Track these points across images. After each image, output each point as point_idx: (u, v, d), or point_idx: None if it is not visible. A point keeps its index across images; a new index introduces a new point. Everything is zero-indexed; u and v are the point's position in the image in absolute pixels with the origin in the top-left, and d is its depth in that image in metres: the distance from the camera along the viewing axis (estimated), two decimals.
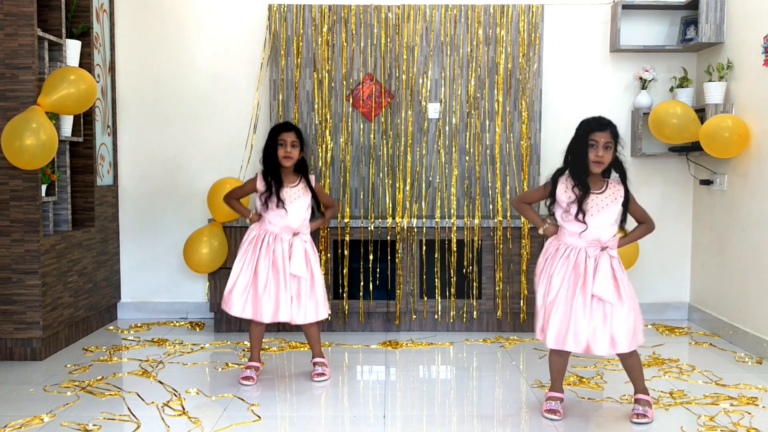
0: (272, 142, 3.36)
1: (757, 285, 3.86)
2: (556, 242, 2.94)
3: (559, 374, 3.01)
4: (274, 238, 3.35)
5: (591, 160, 2.81)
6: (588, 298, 2.82)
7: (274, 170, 3.37)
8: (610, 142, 2.82)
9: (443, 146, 4.55)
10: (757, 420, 2.87)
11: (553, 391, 3.01)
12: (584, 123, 2.88)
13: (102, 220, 4.45)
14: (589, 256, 2.85)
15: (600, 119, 2.87)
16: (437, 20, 4.54)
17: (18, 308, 3.65)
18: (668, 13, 4.67)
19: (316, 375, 3.44)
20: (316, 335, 3.50)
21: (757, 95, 3.91)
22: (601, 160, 2.81)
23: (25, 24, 3.58)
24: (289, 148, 3.34)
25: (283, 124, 3.41)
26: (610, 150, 2.82)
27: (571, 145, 2.90)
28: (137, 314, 4.78)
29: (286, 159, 3.34)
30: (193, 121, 4.72)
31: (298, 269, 3.33)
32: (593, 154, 2.81)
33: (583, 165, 2.84)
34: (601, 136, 2.80)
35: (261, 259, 3.34)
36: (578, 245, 2.87)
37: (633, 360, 2.93)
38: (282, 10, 4.53)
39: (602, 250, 2.86)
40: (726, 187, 4.23)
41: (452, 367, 3.71)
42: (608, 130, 2.82)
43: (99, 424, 2.82)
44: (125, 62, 4.71)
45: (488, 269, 4.30)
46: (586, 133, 2.83)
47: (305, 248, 3.39)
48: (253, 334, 3.45)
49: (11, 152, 3.36)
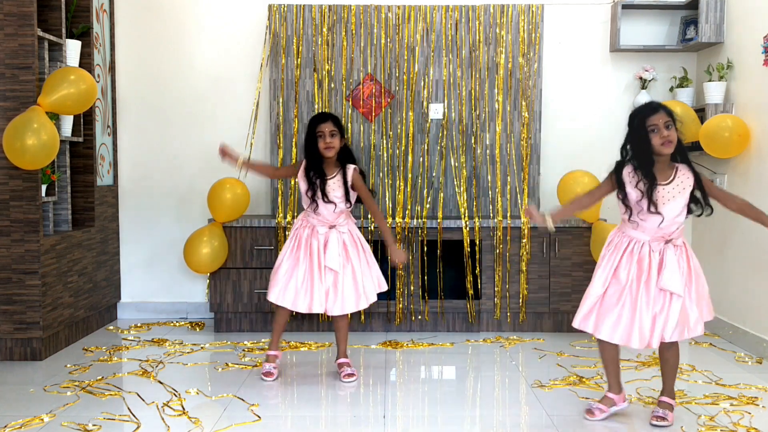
0: (311, 136, 3.35)
1: (757, 285, 3.86)
2: (620, 234, 2.87)
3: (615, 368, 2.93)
4: (312, 231, 3.38)
5: (658, 144, 2.72)
6: (651, 293, 2.76)
7: (317, 163, 3.35)
8: (669, 121, 2.73)
9: (443, 146, 4.55)
10: (757, 420, 2.87)
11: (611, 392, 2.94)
12: (635, 113, 2.79)
13: (102, 220, 4.45)
14: (653, 251, 2.79)
15: (650, 103, 2.81)
16: (437, 20, 4.54)
17: (18, 308, 3.65)
18: (668, 13, 4.67)
19: (346, 375, 3.41)
20: (344, 330, 3.50)
21: (757, 95, 3.91)
22: (668, 139, 2.71)
23: (25, 24, 3.58)
24: (328, 138, 3.32)
25: (319, 115, 3.40)
26: (672, 128, 2.73)
27: (628, 138, 2.81)
28: (137, 314, 4.78)
29: (328, 149, 3.32)
30: (193, 121, 4.72)
31: (332, 262, 3.33)
32: (658, 138, 2.72)
33: (647, 154, 2.75)
34: (659, 117, 2.72)
35: (301, 250, 3.36)
36: (642, 239, 2.80)
37: (670, 354, 2.87)
38: (282, 10, 4.53)
39: (666, 243, 2.80)
40: (726, 186, 4.23)
41: (452, 367, 3.71)
42: (662, 110, 2.74)
43: (99, 424, 2.82)
44: (125, 62, 4.71)
45: (488, 269, 4.30)
46: (642, 120, 2.74)
47: (343, 239, 3.39)
48: (279, 320, 3.47)
49: (13, 152, 3.36)
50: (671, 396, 2.91)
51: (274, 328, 3.50)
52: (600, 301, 2.83)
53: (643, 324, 2.77)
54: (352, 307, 3.40)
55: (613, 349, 2.92)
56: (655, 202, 2.75)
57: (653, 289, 2.77)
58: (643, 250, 2.80)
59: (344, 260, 3.37)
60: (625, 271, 2.80)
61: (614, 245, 2.87)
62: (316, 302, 3.35)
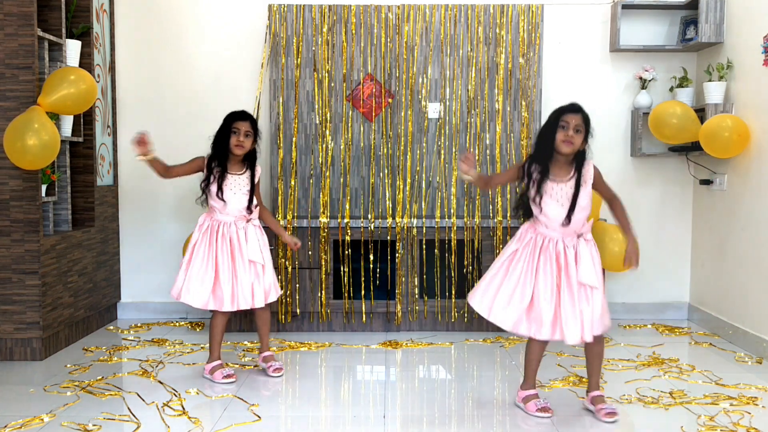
0: (225, 129, 3.38)
1: (757, 285, 3.86)
2: (532, 231, 2.92)
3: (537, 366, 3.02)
4: (228, 227, 3.38)
5: (560, 140, 2.79)
6: (574, 288, 2.81)
7: (222, 158, 3.39)
8: (581, 125, 2.80)
9: (443, 146, 4.55)
10: (757, 420, 2.87)
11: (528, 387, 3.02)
12: (558, 108, 2.87)
13: (102, 220, 4.45)
14: (567, 246, 2.85)
15: (573, 103, 2.87)
16: (437, 20, 4.54)
17: (18, 308, 3.65)
18: (668, 13, 4.67)
19: (275, 370, 3.44)
20: (267, 322, 3.53)
21: (757, 95, 3.91)
22: (570, 140, 2.78)
23: (25, 24, 3.58)
24: (242, 137, 3.35)
25: (239, 113, 3.42)
26: (581, 134, 2.80)
27: (541, 130, 2.90)
28: (137, 314, 4.78)
29: (238, 147, 3.36)
30: (192, 121, 4.72)
31: (255, 255, 3.37)
32: (562, 134, 2.79)
33: (548, 148, 2.83)
34: (573, 118, 2.79)
35: (219, 250, 3.35)
36: (554, 236, 2.86)
37: (600, 347, 2.94)
38: (282, 10, 4.53)
39: (578, 238, 2.86)
40: (726, 186, 4.23)
41: (452, 367, 3.71)
42: (580, 114, 2.81)
43: (99, 424, 2.82)
44: (125, 62, 4.71)
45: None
46: (557, 115, 2.83)
47: (256, 234, 3.43)
48: (217, 327, 3.43)
49: (14, 152, 3.36)
50: (599, 388, 2.98)
51: (216, 338, 3.42)
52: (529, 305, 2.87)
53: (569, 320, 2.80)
54: (274, 296, 3.45)
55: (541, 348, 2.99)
56: (542, 194, 2.82)
57: (574, 285, 2.82)
58: (558, 246, 2.85)
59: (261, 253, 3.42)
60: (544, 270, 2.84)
61: (525, 242, 2.91)
62: (241, 298, 3.35)
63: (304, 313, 4.33)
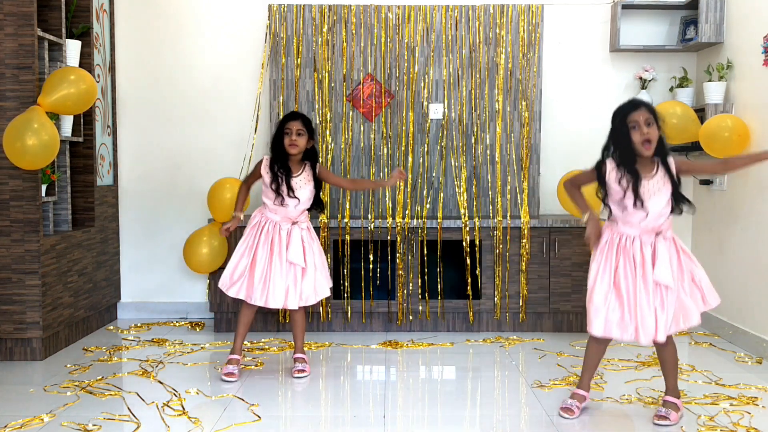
0: (279, 132, 3.42)
1: (757, 285, 3.86)
2: (609, 232, 2.88)
3: (593, 367, 2.97)
4: (273, 226, 3.42)
5: (638, 142, 2.73)
6: (650, 287, 2.77)
7: (283, 159, 3.41)
8: (650, 118, 2.74)
9: (443, 146, 4.55)
10: (757, 420, 2.87)
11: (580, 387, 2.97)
12: (617, 110, 2.82)
13: (102, 220, 4.45)
14: (644, 244, 2.80)
15: (632, 100, 2.83)
16: (437, 20, 4.54)
17: (18, 308, 3.65)
18: (668, 13, 4.67)
19: (297, 371, 3.46)
20: (301, 325, 3.55)
21: (757, 95, 3.91)
22: (648, 137, 2.73)
23: (25, 24, 3.58)
24: (294, 136, 3.38)
25: (290, 114, 3.47)
26: (653, 126, 2.75)
27: (611, 135, 2.83)
28: (137, 314, 4.78)
29: (292, 147, 3.38)
30: (193, 121, 4.72)
31: (296, 257, 3.38)
32: (638, 135, 2.73)
33: (629, 151, 2.76)
34: (639, 114, 2.74)
35: (260, 245, 3.40)
36: (632, 234, 2.81)
37: (667, 352, 2.87)
38: (282, 10, 4.53)
39: (657, 236, 2.81)
40: (726, 187, 4.23)
41: (452, 367, 3.71)
42: (644, 107, 2.76)
43: (99, 424, 2.82)
44: (125, 62, 4.71)
45: (488, 269, 4.30)
46: (623, 118, 2.77)
47: (302, 236, 3.44)
48: (242, 319, 3.47)
49: (13, 152, 3.36)
50: (675, 395, 2.90)
51: (238, 329, 3.48)
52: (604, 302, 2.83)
53: (645, 319, 2.76)
54: (312, 300, 3.45)
55: (601, 350, 2.95)
56: (642, 197, 2.75)
57: (650, 284, 2.78)
58: (635, 244, 2.81)
59: (304, 255, 3.43)
60: (622, 268, 2.81)
61: (607, 243, 2.88)
62: (272, 297, 3.37)
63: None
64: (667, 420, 2.81)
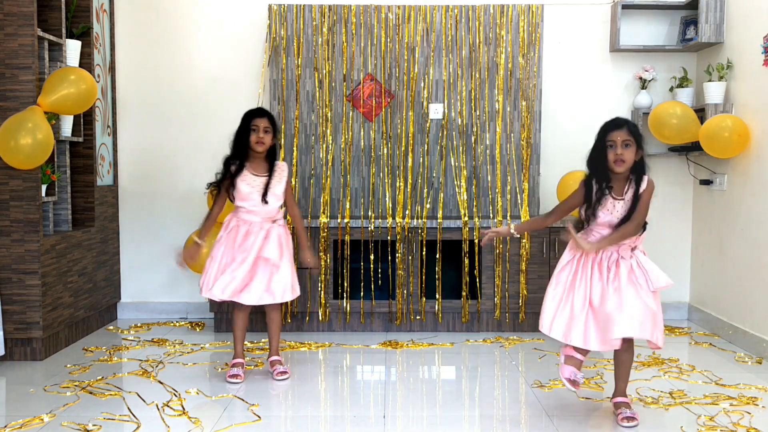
0: (244, 128, 3.37)
1: (757, 285, 3.86)
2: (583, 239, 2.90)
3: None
4: (251, 226, 3.37)
5: (611, 161, 2.77)
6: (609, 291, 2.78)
7: (242, 156, 3.37)
8: (629, 140, 2.76)
9: (443, 146, 4.55)
10: (757, 420, 2.87)
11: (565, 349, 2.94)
12: (602, 126, 2.85)
13: (102, 220, 4.45)
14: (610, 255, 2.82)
15: (616, 119, 2.84)
16: (437, 20, 4.54)
17: (18, 308, 3.65)
18: (668, 13, 4.67)
19: (279, 373, 3.42)
20: (277, 323, 3.50)
21: (757, 95, 3.91)
22: (621, 158, 2.75)
23: (25, 24, 3.58)
24: (261, 133, 3.34)
25: (257, 110, 3.42)
26: (631, 147, 2.76)
27: (591, 152, 2.86)
28: (137, 314, 4.78)
29: (259, 144, 3.34)
30: (193, 121, 4.72)
31: (272, 254, 3.34)
32: (612, 154, 2.76)
33: (603, 168, 2.80)
34: (618, 134, 2.76)
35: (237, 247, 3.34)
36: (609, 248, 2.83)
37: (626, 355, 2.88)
38: (282, 10, 4.53)
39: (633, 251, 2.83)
40: (726, 187, 4.23)
41: (452, 367, 3.71)
42: (625, 128, 2.77)
43: (99, 424, 2.82)
44: (125, 62, 4.71)
45: (488, 269, 4.30)
46: (603, 135, 2.81)
47: (279, 233, 3.40)
48: (237, 323, 3.46)
49: (6, 151, 3.36)
50: (624, 395, 2.93)
51: (236, 335, 3.47)
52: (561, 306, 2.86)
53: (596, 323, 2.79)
54: (289, 296, 3.40)
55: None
56: (596, 212, 2.80)
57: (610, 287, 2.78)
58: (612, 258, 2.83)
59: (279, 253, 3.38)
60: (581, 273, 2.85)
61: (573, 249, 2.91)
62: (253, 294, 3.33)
63: (304, 313, 4.33)
64: (635, 420, 2.82)
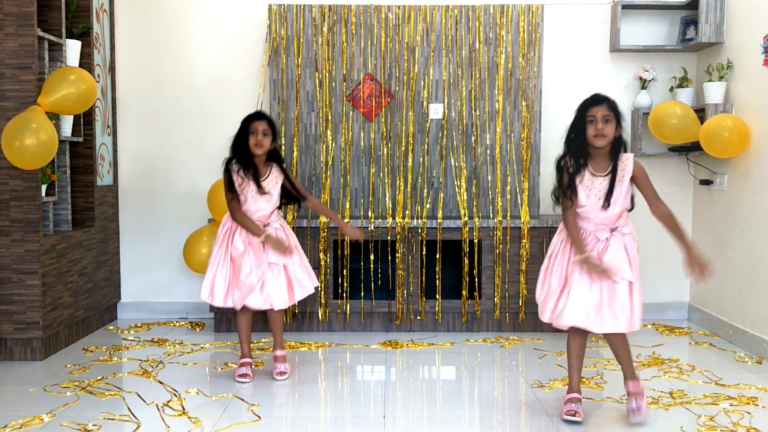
0: (243, 132, 3.37)
1: (757, 285, 3.86)
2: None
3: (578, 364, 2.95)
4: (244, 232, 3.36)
5: (591, 135, 2.76)
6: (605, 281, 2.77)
7: (247, 160, 3.37)
8: (609, 115, 2.76)
9: (443, 146, 4.55)
10: (757, 420, 2.87)
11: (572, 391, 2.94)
12: (581, 103, 2.85)
13: (102, 220, 4.45)
14: (599, 239, 2.82)
15: (595, 94, 2.84)
16: (437, 20, 4.54)
17: (18, 308, 3.65)
18: (668, 13, 4.67)
19: (280, 373, 3.42)
20: (280, 321, 3.50)
21: (757, 95, 3.91)
22: (601, 133, 2.75)
23: (25, 24, 3.58)
24: (260, 136, 3.34)
25: (255, 114, 3.43)
26: (611, 123, 2.76)
27: (570, 128, 2.86)
28: (137, 314, 4.78)
29: (258, 147, 3.34)
30: (193, 121, 4.72)
31: (275, 258, 3.35)
32: (592, 129, 2.76)
33: (582, 143, 2.80)
34: (599, 109, 2.77)
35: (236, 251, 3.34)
36: (587, 228, 2.84)
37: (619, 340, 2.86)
38: (282, 10, 4.53)
39: (612, 232, 2.82)
40: (726, 187, 4.23)
41: (452, 367, 3.71)
42: (605, 104, 2.78)
43: (99, 424, 2.82)
44: (125, 62, 4.71)
45: (488, 269, 4.30)
46: (583, 110, 2.80)
47: (278, 235, 3.40)
48: (241, 324, 3.46)
49: (11, 152, 3.36)
50: (634, 378, 2.87)
51: (241, 336, 3.48)
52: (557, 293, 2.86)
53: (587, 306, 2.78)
54: (294, 299, 3.41)
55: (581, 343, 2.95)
56: (576, 188, 2.78)
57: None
58: (589, 239, 2.83)
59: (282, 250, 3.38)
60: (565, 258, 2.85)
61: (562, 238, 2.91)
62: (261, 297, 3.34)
63: (304, 313, 4.33)
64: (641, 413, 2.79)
